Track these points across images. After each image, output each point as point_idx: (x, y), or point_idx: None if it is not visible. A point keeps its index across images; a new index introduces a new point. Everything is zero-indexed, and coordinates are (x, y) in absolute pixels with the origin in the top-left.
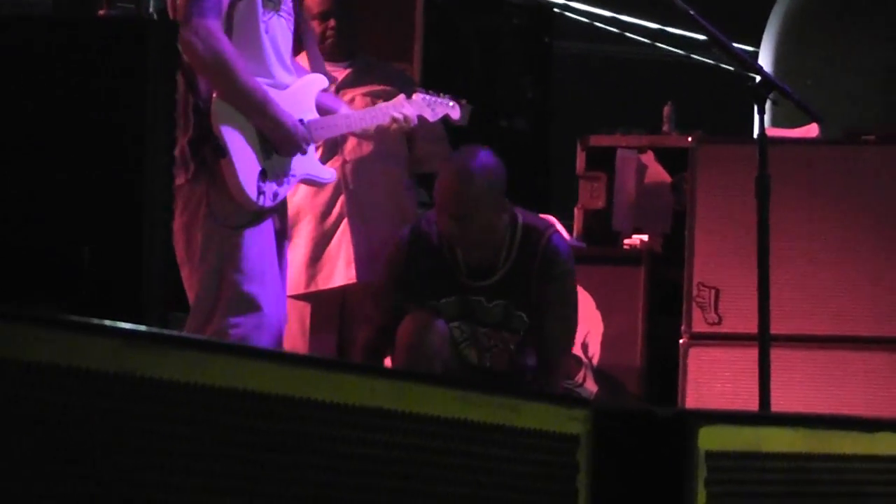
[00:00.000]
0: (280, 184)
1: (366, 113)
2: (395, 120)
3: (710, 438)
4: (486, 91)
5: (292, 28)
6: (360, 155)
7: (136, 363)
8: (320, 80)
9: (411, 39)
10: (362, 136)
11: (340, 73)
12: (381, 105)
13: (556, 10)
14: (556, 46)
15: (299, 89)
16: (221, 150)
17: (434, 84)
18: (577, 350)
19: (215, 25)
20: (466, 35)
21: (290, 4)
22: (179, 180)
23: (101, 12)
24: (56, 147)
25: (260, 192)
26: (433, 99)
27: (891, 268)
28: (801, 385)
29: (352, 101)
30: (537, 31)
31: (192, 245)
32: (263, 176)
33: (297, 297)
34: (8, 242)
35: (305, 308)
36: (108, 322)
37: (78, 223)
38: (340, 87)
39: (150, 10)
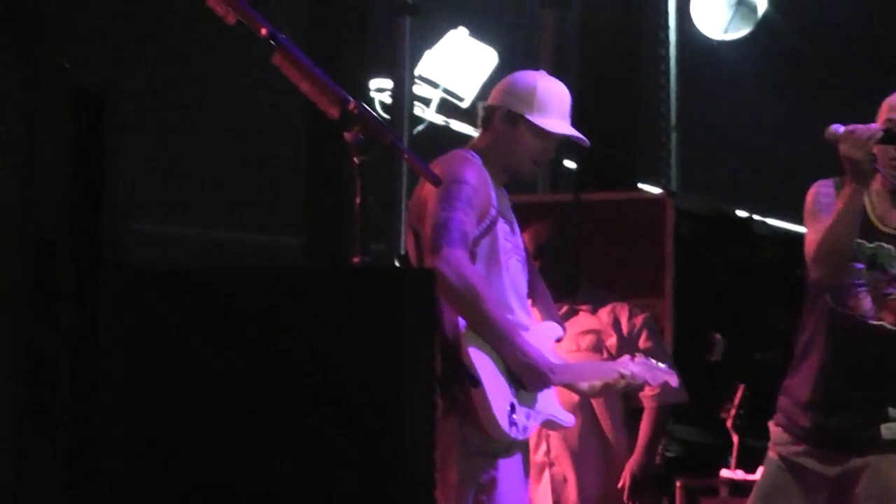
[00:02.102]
0: (529, 417)
1: (597, 367)
2: (622, 377)
3: None
4: (738, 324)
5: (526, 273)
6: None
7: None
8: (556, 330)
9: (662, 274)
10: (590, 390)
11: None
12: (611, 363)
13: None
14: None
15: (539, 333)
16: (473, 380)
17: (687, 317)
18: None
19: (465, 255)
20: (717, 268)
21: (524, 252)
22: None
23: (356, 260)
24: (315, 398)
25: (511, 424)
26: (653, 364)
27: None
28: None
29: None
30: (788, 263)
31: (447, 483)
32: (514, 408)
33: None
34: (268, 488)
35: None
36: None
37: (340, 473)
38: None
39: (402, 251)
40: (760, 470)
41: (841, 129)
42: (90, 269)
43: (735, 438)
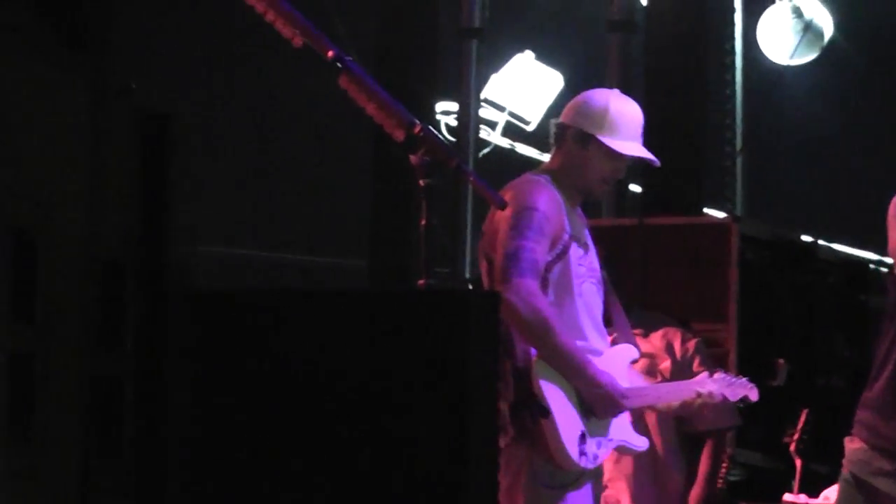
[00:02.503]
0: (600, 445)
1: (674, 387)
2: (700, 395)
3: None
4: (801, 349)
5: (602, 295)
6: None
7: None
8: (632, 352)
9: (726, 299)
10: (666, 409)
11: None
12: (688, 381)
13: (871, 265)
14: (873, 302)
15: (613, 356)
16: (543, 411)
17: (751, 342)
18: None
19: (534, 285)
20: (781, 293)
21: (600, 274)
22: (500, 443)
23: (421, 282)
24: (381, 421)
25: (581, 454)
26: (732, 379)
27: None
28: None
29: None
30: (853, 289)
31: None
32: (584, 437)
33: None
34: None
35: None
36: None
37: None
38: None
39: (467, 275)
40: (824, 494)
41: None
42: (156, 293)
43: (798, 463)
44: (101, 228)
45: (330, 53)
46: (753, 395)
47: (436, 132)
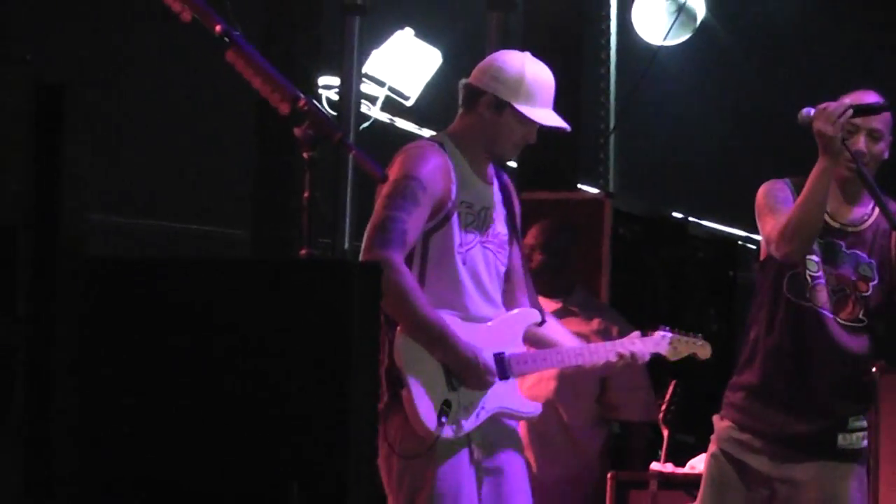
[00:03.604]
0: (467, 416)
1: (587, 349)
2: (621, 356)
3: None
4: (672, 323)
5: (505, 260)
6: (542, 392)
7: None
8: (531, 315)
9: (599, 272)
10: (578, 371)
11: (550, 308)
12: (610, 342)
13: (740, 242)
14: (741, 278)
15: (504, 322)
16: (399, 381)
17: (622, 315)
18: None
19: (398, 258)
20: (652, 267)
21: (504, 238)
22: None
23: (303, 252)
24: (265, 385)
25: (440, 423)
26: (678, 337)
27: None
28: None
29: None
30: (722, 264)
31: (392, 473)
32: (447, 407)
33: None
34: (221, 475)
35: None
36: None
37: (287, 460)
38: None
39: (346, 246)
40: (689, 464)
41: (812, 111)
42: (48, 259)
43: (665, 433)
44: None
45: (218, 28)
46: (704, 354)
47: (319, 106)
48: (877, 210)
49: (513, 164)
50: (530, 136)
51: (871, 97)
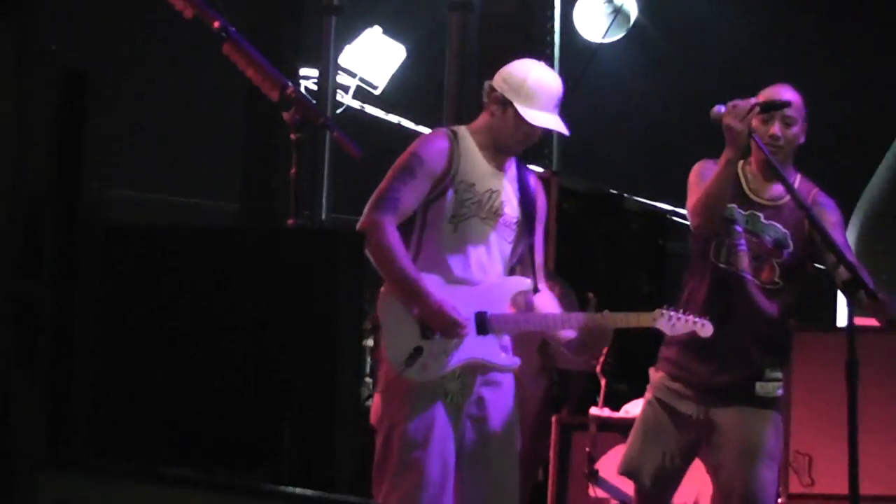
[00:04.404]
0: (436, 362)
1: (566, 317)
2: (587, 325)
3: None
4: (610, 286)
5: (511, 239)
6: None
7: None
8: (520, 283)
9: (546, 244)
10: (559, 338)
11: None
12: (602, 315)
13: (668, 215)
14: (670, 247)
15: (493, 286)
16: (377, 328)
17: (568, 280)
18: None
19: (387, 220)
20: (593, 238)
21: (511, 221)
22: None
23: (290, 222)
24: (261, 338)
25: (409, 365)
26: (678, 316)
27: None
28: None
29: None
30: (653, 234)
31: (378, 414)
32: (419, 353)
33: None
34: (221, 416)
35: None
36: (298, 490)
37: (280, 403)
38: None
39: (323, 217)
40: (624, 408)
41: (723, 108)
42: (69, 228)
43: (602, 382)
44: (23, 173)
45: (216, 24)
46: (705, 332)
47: (305, 94)
48: (795, 182)
49: None
50: (532, 134)
51: (785, 92)
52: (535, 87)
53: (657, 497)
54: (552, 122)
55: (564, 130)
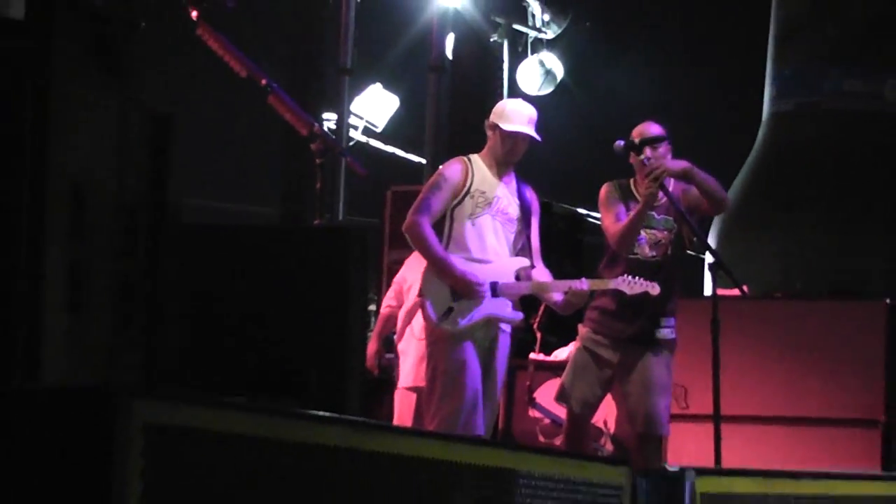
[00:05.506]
0: (463, 317)
1: (554, 283)
2: (570, 289)
3: None
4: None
5: (513, 230)
6: None
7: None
8: (521, 262)
9: None
10: (548, 298)
11: None
12: (581, 281)
13: (585, 217)
14: (586, 240)
15: (503, 265)
16: (421, 293)
17: None
18: (599, 424)
19: (424, 220)
20: None
21: (512, 217)
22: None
23: (317, 223)
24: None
25: (442, 320)
26: (634, 280)
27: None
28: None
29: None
30: (574, 231)
31: (423, 362)
32: (451, 311)
33: (410, 389)
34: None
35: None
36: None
37: (308, 353)
38: None
39: (340, 218)
40: (555, 353)
41: (622, 142)
42: (157, 227)
43: (538, 335)
44: (125, 187)
45: (263, 81)
46: (654, 291)
47: (326, 131)
48: (669, 188)
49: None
50: (516, 146)
51: (653, 128)
52: (510, 111)
53: (581, 417)
54: (526, 129)
55: (536, 136)
